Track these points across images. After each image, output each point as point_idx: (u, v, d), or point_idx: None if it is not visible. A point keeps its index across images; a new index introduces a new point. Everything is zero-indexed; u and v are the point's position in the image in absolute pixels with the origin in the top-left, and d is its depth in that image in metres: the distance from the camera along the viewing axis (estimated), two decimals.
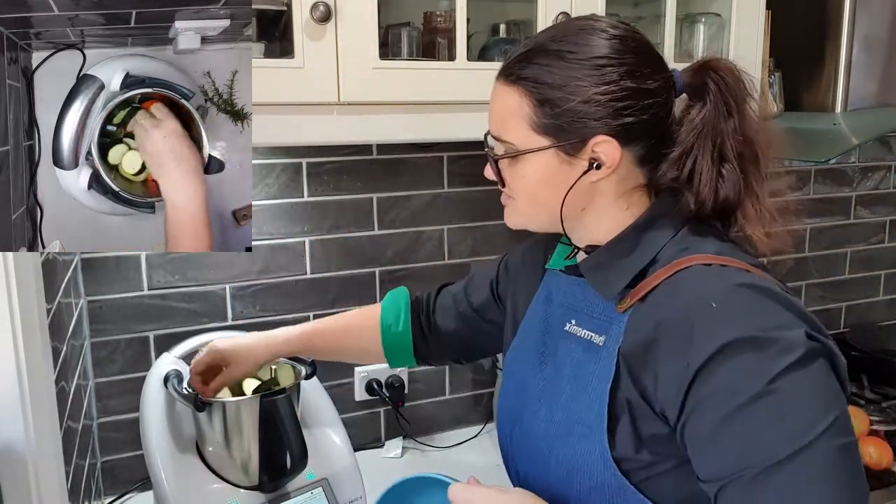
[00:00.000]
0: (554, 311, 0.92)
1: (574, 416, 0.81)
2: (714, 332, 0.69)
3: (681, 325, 0.72)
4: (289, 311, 1.47)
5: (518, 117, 0.80)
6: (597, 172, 0.79)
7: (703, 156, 0.78)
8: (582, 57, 0.77)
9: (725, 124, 0.78)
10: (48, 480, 0.82)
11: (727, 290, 0.72)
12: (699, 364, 0.69)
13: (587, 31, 0.79)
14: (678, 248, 0.79)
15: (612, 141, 0.77)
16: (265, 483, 1.09)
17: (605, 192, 0.81)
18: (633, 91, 0.77)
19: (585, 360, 0.82)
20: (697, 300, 0.72)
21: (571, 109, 0.77)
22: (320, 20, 1.03)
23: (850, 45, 1.43)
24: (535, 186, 0.82)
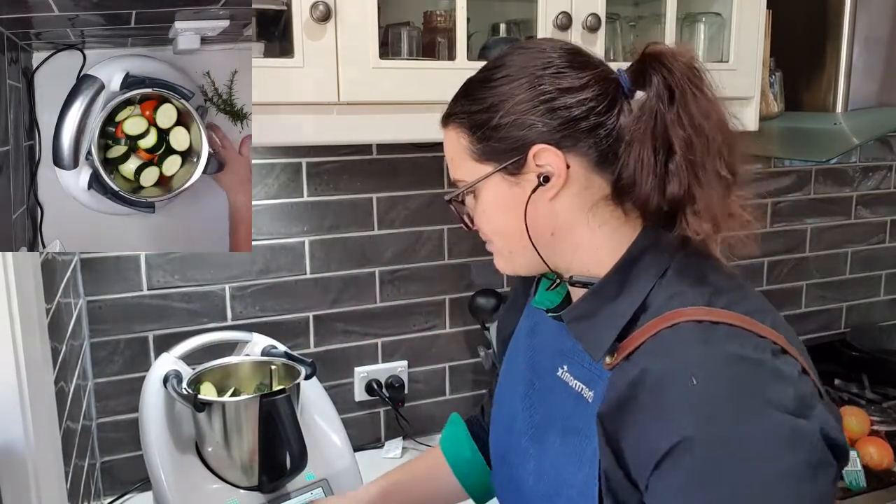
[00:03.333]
0: (543, 352, 0.87)
1: (563, 477, 0.77)
2: (685, 418, 0.63)
3: (655, 396, 0.66)
4: (289, 311, 1.46)
5: (460, 153, 0.79)
6: (548, 187, 0.74)
7: (644, 147, 0.71)
8: (499, 75, 0.76)
9: (669, 112, 0.70)
10: (48, 480, 0.82)
11: (714, 364, 0.65)
12: (664, 451, 0.63)
13: (505, 54, 0.79)
14: (668, 292, 0.72)
15: (550, 147, 0.73)
16: (265, 483, 1.09)
17: (569, 209, 0.75)
18: (556, 91, 0.73)
19: (575, 415, 0.77)
20: (678, 370, 0.66)
21: (499, 125, 0.75)
22: (320, 20, 1.03)
23: (850, 45, 1.43)
24: (495, 218, 0.79)
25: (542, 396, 0.84)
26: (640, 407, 0.67)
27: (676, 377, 0.65)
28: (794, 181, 1.92)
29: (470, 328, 1.61)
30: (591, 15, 1.18)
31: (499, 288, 1.60)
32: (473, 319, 1.58)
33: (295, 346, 1.46)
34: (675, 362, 0.67)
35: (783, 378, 0.65)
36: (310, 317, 1.49)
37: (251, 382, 1.20)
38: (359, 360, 1.54)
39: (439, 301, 1.58)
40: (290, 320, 1.47)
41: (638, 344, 0.70)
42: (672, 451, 0.63)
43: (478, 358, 1.60)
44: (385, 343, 1.55)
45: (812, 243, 1.98)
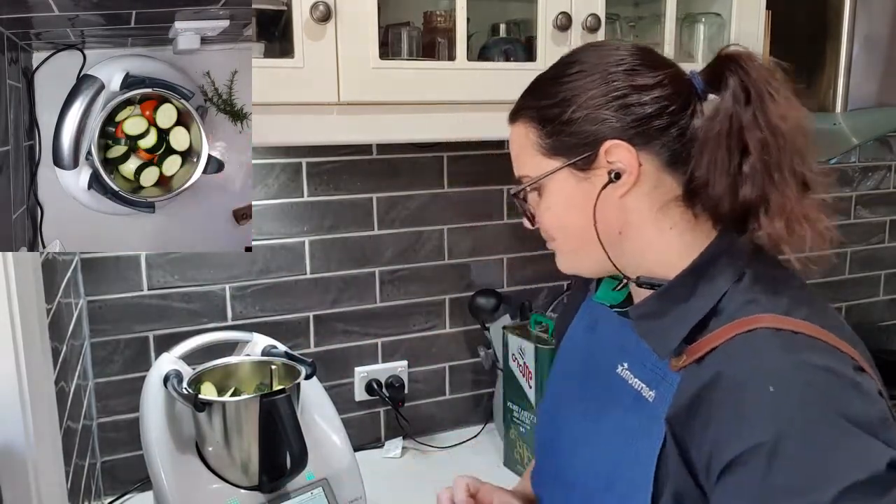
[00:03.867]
0: (602, 349, 0.86)
1: (617, 471, 0.76)
2: (762, 423, 0.62)
3: (730, 402, 0.65)
4: (289, 311, 1.47)
5: (527, 148, 0.78)
6: (619, 184, 0.73)
7: (719, 149, 0.70)
8: (572, 70, 0.76)
9: (745, 113, 0.70)
10: (48, 480, 0.82)
11: (791, 371, 0.64)
12: (735, 454, 0.63)
13: (577, 51, 0.79)
14: (744, 298, 0.71)
15: (623, 143, 0.73)
16: (265, 483, 1.09)
17: (639, 208, 0.75)
18: (630, 88, 0.73)
19: (633, 413, 0.76)
20: (756, 377, 0.65)
21: (571, 120, 0.74)
22: (320, 20, 1.03)
23: (850, 45, 1.43)
24: (562, 214, 0.78)
25: (598, 393, 0.83)
26: (713, 410, 0.66)
27: (754, 383, 0.64)
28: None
29: (470, 328, 1.61)
30: (590, 15, 1.18)
31: (499, 288, 1.60)
32: (473, 319, 1.58)
33: (295, 346, 1.46)
34: (752, 368, 0.65)
35: (863, 394, 0.64)
36: (310, 317, 1.49)
37: (251, 382, 1.20)
38: (359, 360, 1.54)
39: (439, 301, 1.58)
40: (290, 320, 1.47)
41: (710, 348, 0.69)
42: (743, 456, 0.62)
43: (478, 358, 1.60)
44: (385, 343, 1.56)
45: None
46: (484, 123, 1.18)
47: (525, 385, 1.39)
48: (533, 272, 1.64)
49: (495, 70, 1.20)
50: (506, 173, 1.65)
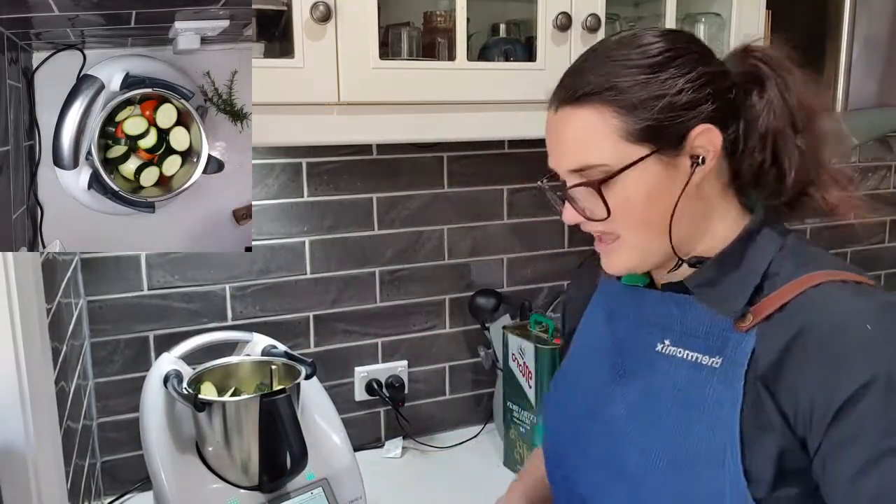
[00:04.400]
0: (632, 331, 0.86)
1: (692, 445, 0.75)
2: (870, 359, 0.66)
3: (829, 346, 0.68)
4: (289, 311, 1.47)
5: (604, 134, 0.74)
6: (702, 168, 0.75)
7: (786, 132, 0.76)
8: (651, 54, 0.75)
9: (790, 98, 0.76)
10: (48, 480, 0.82)
11: (879, 310, 0.69)
12: (850, 393, 0.65)
13: (632, 37, 0.78)
14: (797, 261, 0.76)
15: (713, 128, 0.74)
16: (265, 483, 1.09)
17: (711, 193, 0.78)
18: (711, 74, 0.75)
19: (696, 384, 0.76)
20: (849, 320, 0.68)
21: (668, 105, 0.73)
22: (320, 20, 1.03)
23: (850, 45, 1.43)
24: (643, 204, 0.75)
25: (639, 374, 0.83)
26: (808, 360, 0.69)
27: (850, 325, 0.68)
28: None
29: (470, 328, 1.61)
30: (590, 15, 1.18)
31: (499, 288, 1.60)
32: (473, 319, 1.58)
33: (295, 345, 1.46)
34: (843, 313, 0.69)
35: None
36: (310, 317, 1.49)
37: (251, 382, 1.20)
38: (359, 360, 1.54)
39: (439, 301, 1.58)
40: (290, 320, 1.47)
41: (779, 305, 0.72)
42: (857, 394, 0.65)
43: (478, 358, 1.60)
44: (385, 343, 1.56)
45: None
46: (484, 123, 1.19)
47: (525, 385, 1.39)
48: (533, 272, 1.64)
49: (495, 70, 1.20)
50: (506, 173, 1.66)
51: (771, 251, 0.77)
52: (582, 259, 0.99)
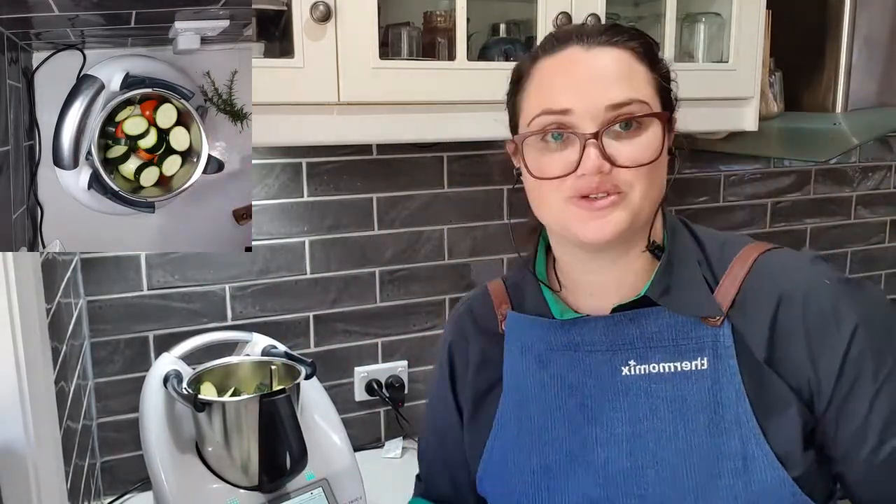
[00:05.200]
0: (581, 367, 0.80)
1: (716, 452, 0.73)
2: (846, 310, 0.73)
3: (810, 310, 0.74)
4: (289, 311, 1.47)
5: (645, 79, 0.74)
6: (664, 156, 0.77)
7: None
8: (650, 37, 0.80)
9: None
10: (48, 480, 0.82)
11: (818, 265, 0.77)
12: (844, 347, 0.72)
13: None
14: (712, 242, 0.81)
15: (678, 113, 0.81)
16: (265, 483, 1.09)
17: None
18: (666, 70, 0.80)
19: (689, 392, 0.74)
20: (810, 280, 0.75)
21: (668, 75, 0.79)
22: (320, 20, 1.03)
23: (850, 46, 1.43)
24: (661, 161, 0.74)
25: (615, 406, 0.78)
26: (797, 330, 0.74)
27: (817, 286, 0.74)
28: (793, 181, 1.92)
29: None
30: (590, 15, 1.18)
31: None
32: None
33: (295, 346, 1.46)
34: (801, 278, 0.75)
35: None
36: (310, 317, 1.49)
37: (251, 382, 1.20)
38: (359, 360, 1.54)
39: (439, 301, 1.58)
40: (290, 320, 1.47)
41: (737, 288, 0.76)
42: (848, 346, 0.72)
43: None
44: (385, 343, 1.56)
45: (812, 243, 1.98)
46: (484, 123, 1.18)
47: None
48: None
49: (495, 70, 1.20)
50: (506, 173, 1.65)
51: (688, 239, 0.80)
52: (455, 313, 0.94)
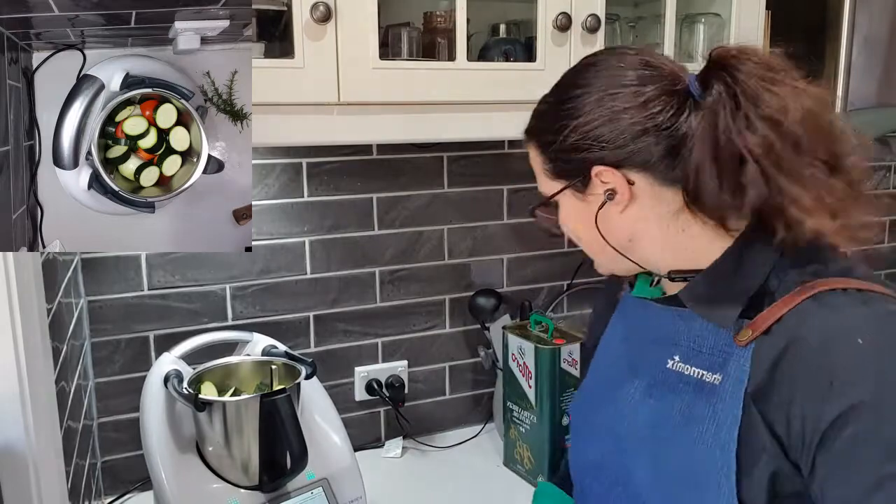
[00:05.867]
0: (645, 348, 0.84)
1: (690, 466, 0.74)
2: (859, 378, 0.62)
3: (817, 362, 0.64)
4: (289, 311, 1.47)
5: (539, 170, 0.83)
6: (615, 202, 0.76)
7: (705, 158, 0.69)
8: (568, 95, 0.78)
9: (735, 118, 0.68)
10: (48, 480, 0.82)
11: (875, 322, 0.64)
12: (837, 414, 0.62)
13: (578, 69, 0.80)
14: (800, 271, 0.71)
15: (609, 169, 0.75)
16: (265, 483, 1.09)
17: (642, 219, 0.77)
18: (616, 112, 0.73)
19: (697, 402, 0.75)
20: (840, 333, 0.64)
21: (565, 147, 0.77)
22: (320, 20, 1.03)
23: (850, 45, 1.43)
24: (574, 228, 0.83)
25: (651, 392, 0.82)
26: (797, 377, 0.65)
27: (839, 339, 0.64)
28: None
29: (470, 328, 1.61)
30: (590, 16, 1.18)
31: (499, 288, 1.60)
32: (473, 319, 1.58)
33: (295, 345, 1.46)
34: (833, 326, 0.65)
35: None
36: (310, 317, 1.49)
37: (252, 382, 1.20)
38: (359, 360, 1.54)
39: (439, 301, 1.58)
40: (290, 320, 1.47)
41: (777, 317, 0.69)
42: (843, 416, 0.62)
43: (478, 358, 1.60)
44: (385, 343, 1.56)
45: None
46: (484, 123, 1.19)
47: (525, 385, 1.39)
48: (533, 272, 1.64)
49: (495, 70, 1.20)
50: (506, 173, 1.65)
51: (765, 265, 0.73)
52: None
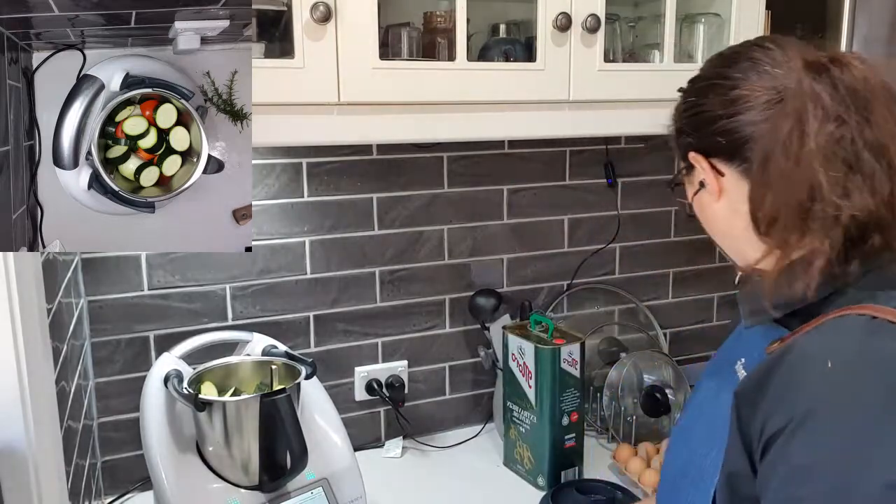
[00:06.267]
0: (732, 348, 0.86)
1: (692, 462, 0.77)
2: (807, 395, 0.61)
3: (788, 374, 0.64)
4: (289, 311, 1.47)
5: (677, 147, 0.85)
6: (708, 193, 0.78)
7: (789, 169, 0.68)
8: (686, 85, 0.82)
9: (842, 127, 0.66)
10: (48, 480, 0.82)
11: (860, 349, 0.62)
12: (777, 427, 0.62)
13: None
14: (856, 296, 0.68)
15: (698, 156, 0.78)
16: (265, 483, 1.09)
17: (727, 219, 0.77)
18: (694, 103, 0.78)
19: (728, 403, 0.74)
20: (818, 351, 0.64)
21: (678, 130, 0.81)
22: (320, 20, 1.03)
23: (849, 46, 1.43)
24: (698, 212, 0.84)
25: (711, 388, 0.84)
26: (769, 386, 0.66)
27: (814, 357, 0.64)
28: None
29: (470, 328, 1.61)
30: (590, 16, 1.18)
31: (499, 288, 1.60)
32: (473, 319, 1.58)
33: (295, 345, 1.46)
34: (821, 343, 0.65)
35: None
36: (310, 317, 1.49)
37: (252, 382, 1.20)
38: (359, 360, 1.54)
39: (439, 301, 1.58)
40: (290, 320, 1.47)
41: (801, 333, 0.69)
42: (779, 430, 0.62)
43: (478, 358, 1.60)
44: (385, 343, 1.56)
45: None
46: (484, 123, 1.19)
47: (525, 385, 1.39)
48: (533, 272, 1.64)
49: (495, 70, 1.20)
50: (506, 173, 1.65)
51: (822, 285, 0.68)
52: None
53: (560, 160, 1.62)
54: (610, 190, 1.67)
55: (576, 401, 1.38)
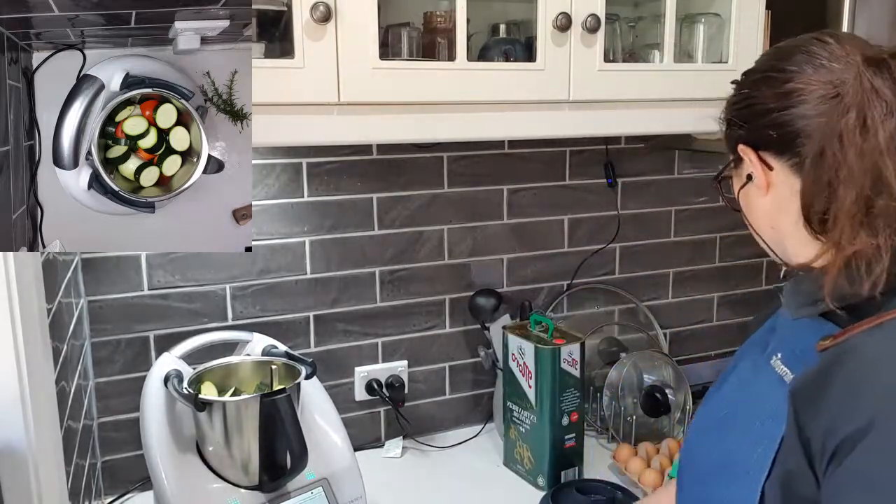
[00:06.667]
0: (767, 341, 0.84)
1: (733, 455, 0.75)
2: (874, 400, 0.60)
3: (858, 374, 0.63)
4: (289, 311, 1.47)
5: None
6: (755, 186, 0.77)
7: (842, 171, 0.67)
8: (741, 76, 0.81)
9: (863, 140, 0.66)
10: (48, 480, 0.82)
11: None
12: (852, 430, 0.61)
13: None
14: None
15: (747, 148, 0.77)
16: (265, 483, 1.09)
17: (778, 211, 0.76)
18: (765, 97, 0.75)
19: (770, 397, 0.74)
20: (886, 354, 0.63)
21: (727, 121, 0.81)
22: (320, 20, 1.03)
23: None
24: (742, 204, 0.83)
25: (742, 382, 0.83)
26: (835, 386, 0.64)
27: (884, 360, 0.63)
28: None
29: (470, 328, 1.61)
30: (590, 16, 1.18)
31: (499, 288, 1.60)
32: (473, 319, 1.58)
33: (295, 345, 1.46)
34: (886, 348, 0.64)
35: None
36: (310, 317, 1.49)
37: (252, 382, 1.20)
38: (359, 360, 1.54)
39: (439, 301, 1.58)
40: (290, 320, 1.47)
41: (857, 331, 0.67)
42: (856, 434, 0.60)
43: (478, 358, 1.60)
44: (385, 343, 1.56)
45: None
46: (484, 123, 1.19)
47: (525, 385, 1.39)
48: (533, 272, 1.64)
49: (495, 70, 1.20)
50: (506, 173, 1.65)
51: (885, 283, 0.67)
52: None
53: (560, 160, 1.62)
54: (610, 190, 1.67)
55: (576, 401, 1.38)
